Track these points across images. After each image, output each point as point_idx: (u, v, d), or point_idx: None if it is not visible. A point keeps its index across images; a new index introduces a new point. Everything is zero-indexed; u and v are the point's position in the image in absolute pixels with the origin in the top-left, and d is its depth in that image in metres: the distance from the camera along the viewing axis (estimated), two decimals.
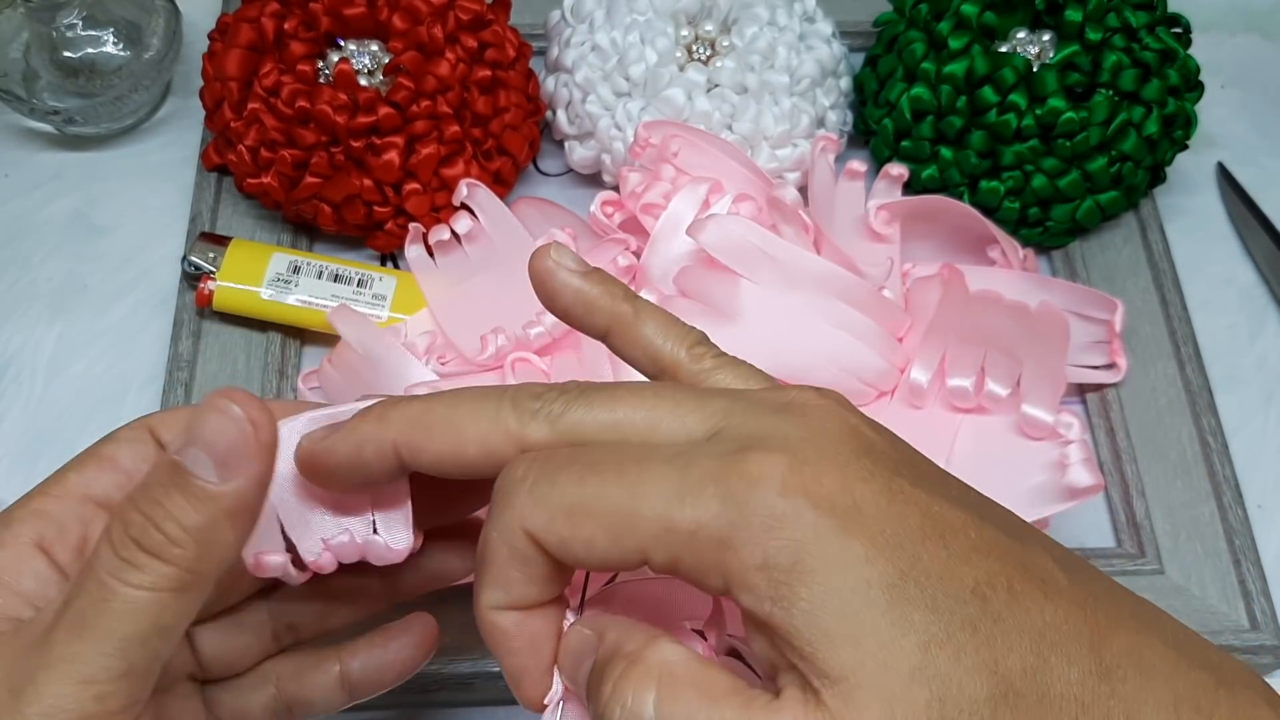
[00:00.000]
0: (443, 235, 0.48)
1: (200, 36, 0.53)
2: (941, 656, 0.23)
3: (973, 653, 0.23)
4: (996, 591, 0.24)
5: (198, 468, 0.26)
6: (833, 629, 0.23)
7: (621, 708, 0.25)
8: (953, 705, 0.22)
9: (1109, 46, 0.49)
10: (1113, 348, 0.48)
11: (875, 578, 0.23)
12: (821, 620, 0.23)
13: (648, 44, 0.49)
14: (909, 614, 0.23)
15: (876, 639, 0.23)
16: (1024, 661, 0.23)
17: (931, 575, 0.23)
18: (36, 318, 0.51)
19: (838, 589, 0.23)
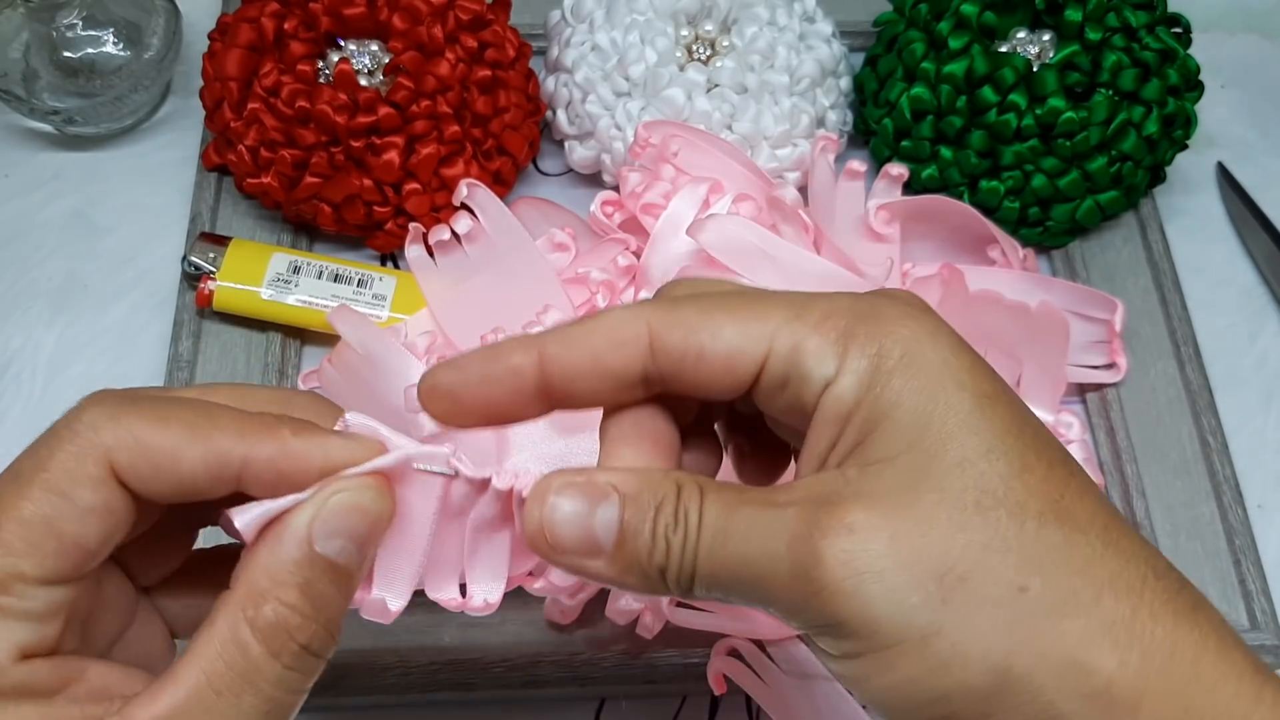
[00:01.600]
0: (443, 235, 0.48)
1: (200, 36, 0.53)
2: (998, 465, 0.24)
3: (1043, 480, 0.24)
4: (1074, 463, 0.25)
5: (345, 558, 0.26)
6: (905, 417, 0.24)
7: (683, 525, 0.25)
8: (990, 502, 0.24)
9: (1109, 46, 0.49)
10: (1113, 347, 0.48)
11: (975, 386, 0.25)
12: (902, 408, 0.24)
13: (648, 44, 0.50)
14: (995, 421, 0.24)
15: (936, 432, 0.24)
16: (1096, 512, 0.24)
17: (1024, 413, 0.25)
18: (36, 318, 0.51)
19: (928, 385, 0.25)
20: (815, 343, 0.25)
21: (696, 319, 0.26)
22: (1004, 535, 0.23)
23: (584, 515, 0.26)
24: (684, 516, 0.25)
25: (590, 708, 0.44)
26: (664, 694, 0.44)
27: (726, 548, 0.25)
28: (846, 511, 0.24)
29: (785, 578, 0.24)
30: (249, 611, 0.25)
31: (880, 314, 0.25)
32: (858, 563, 0.23)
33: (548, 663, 0.42)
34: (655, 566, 0.25)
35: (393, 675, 0.41)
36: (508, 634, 0.42)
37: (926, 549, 0.23)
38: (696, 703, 0.44)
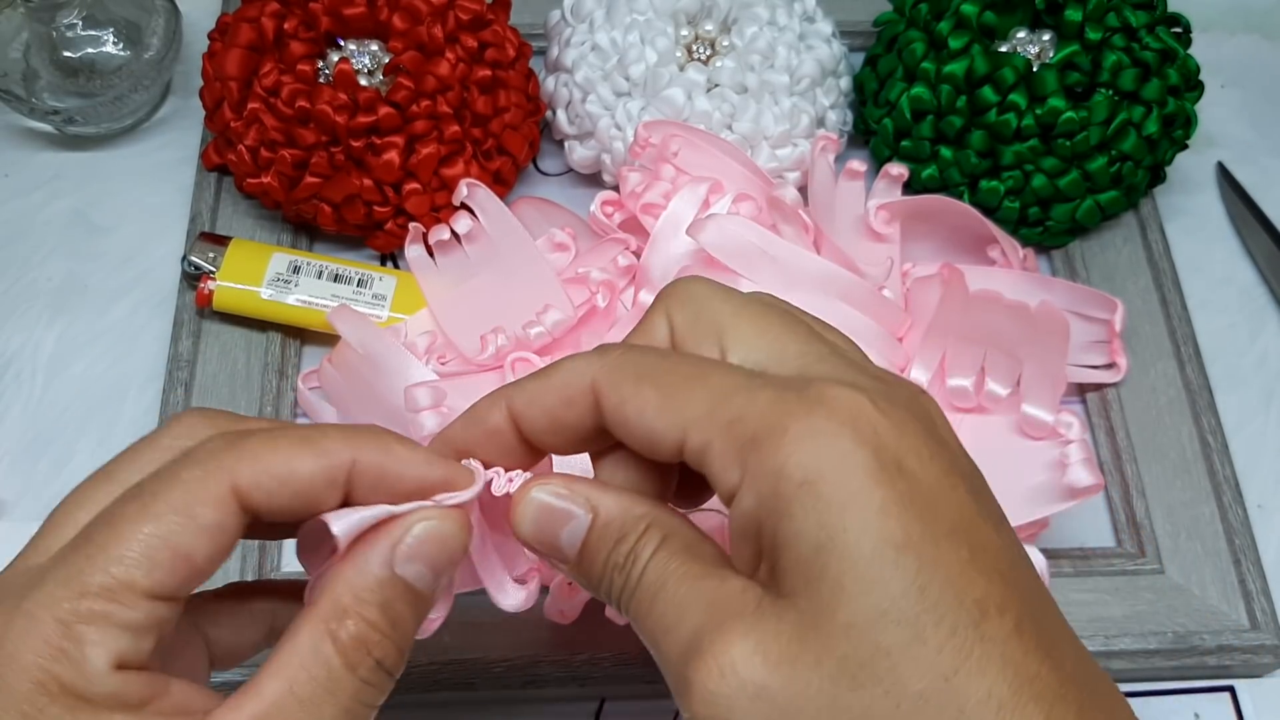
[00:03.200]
0: (443, 235, 0.48)
1: (200, 36, 0.53)
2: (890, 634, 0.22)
3: (936, 652, 0.22)
4: (1000, 617, 0.23)
5: (422, 583, 0.27)
6: (805, 553, 0.23)
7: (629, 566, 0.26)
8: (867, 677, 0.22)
9: (1109, 46, 0.49)
10: (1113, 347, 0.48)
11: (880, 530, 0.23)
12: (803, 540, 0.23)
13: (648, 44, 0.49)
14: (895, 579, 0.23)
15: (832, 585, 0.23)
16: (992, 691, 0.22)
17: (940, 564, 0.23)
18: (36, 318, 0.51)
19: (832, 521, 0.23)
20: (721, 448, 0.25)
21: (629, 388, 0.26)
22: (873, 713, 0.22)
23: (555, 521, 0.27)
24: (630, 562, 0.26)
25: (590, 708, 0.44)
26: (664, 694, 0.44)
27: (648, 618, 0.26)
28: (729, 646, 0.24)
29: (671, 681, 0.25)
30: (332, 625, 0.26)
31: (789, 426, 0.24)
32: (719, 709, 0.23)
33: (548, 663, 0.42)
34: (603, 591, 0.27)
35: None
36: (508, 634, 0.42)
37: (790, 716, 0.23)
38: None
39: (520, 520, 0.28)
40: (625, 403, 0.26)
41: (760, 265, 0.44)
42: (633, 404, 0.26)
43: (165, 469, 0.27)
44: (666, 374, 0.26)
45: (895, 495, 0.23)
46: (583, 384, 0.27)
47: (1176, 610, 0.44)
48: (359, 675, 0.26)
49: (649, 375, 0.26)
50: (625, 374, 0.27)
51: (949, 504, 0.24)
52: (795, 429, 0.24)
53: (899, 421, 0.24)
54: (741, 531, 0.25)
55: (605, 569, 0.27)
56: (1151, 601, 0.44)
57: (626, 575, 0.26)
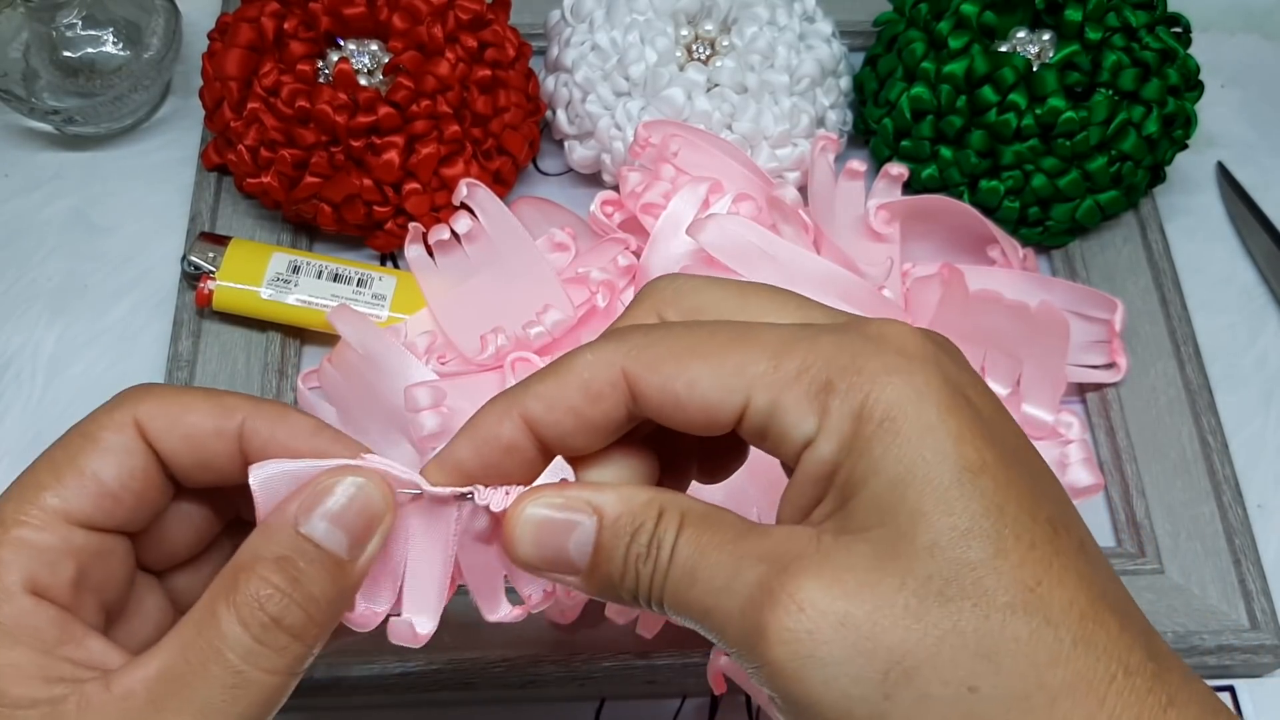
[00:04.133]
0: (443, 235, 0.48)
1: (200, 36, 0.53)
2: (971, 549, 0.23)
3: (1018, 565, 0.23)
4: (1068, 535, 0.24)
5: (330, 542, 0.26)
6: (881, 486, 0.23)
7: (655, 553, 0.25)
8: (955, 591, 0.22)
9: (1109, 46, 0.49)
10: (1113, 347, 0.48)
11: (958, 457, 0.23)
12: (880, 475, 0.23)
13: (648, 44, 0.49)
14: (976, 499, 0.23)
15: (910, 508, 0.23)
16: (1074, 600, 0.23)
17: (1011, 484, 0.23)
18: (36, 318, 0.51)
19: (909, 454, 0.23)
20: (793, 399, 0.24)
21: (671, 365, 0.25)
22: (963, 628, 0.22)
23: (559, 534, 0.26)
24: (656, 549, 0.25)
25: (590, 708, 0.44)
26: (664, 694, 0.44)
27: (691, 591, 0.25)
28: (801, 583, 0.23)
29: (737, 638, 0.24)
30: (226, 584, 0.25)
31: (862, 366, 0.24)
32: (802, 645, 0.23)
33: (548, 663, 0.42)
34: (626, 590, 0.26)
35: (393, 675, 0.41)
36: (508, 634, 0.42)
37: (877, 638, 0.22)
38: (696, 703, 0.44)
39: (518, 543, 0.26)
40: (672, 380, 0.25)
41: (760, 265, 0.44)
42: (681, 380, 0.25)
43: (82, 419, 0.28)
44: (707, 342, 0.25)
45: (967, 423, 0.24)
46: (610, 374, 0.26)
47: (1176, 610, 0.44)
48: (250, 634, 0.25)
49: (690, 349, 0.25)
50: (663, 352, 0.26)
51: (1007, 431, 0.25)
52: (871, 367, 0.24)
53: (952, 355, 0.25)
54: (812, 478, 0.25)
55: (627, 564, 0.25)
56: (1151, 601, 0.44)
57: (654, 563, 0.25)
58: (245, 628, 0.25)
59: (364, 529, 0.26)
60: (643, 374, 0.26)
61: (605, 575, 0.26)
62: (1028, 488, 0.24)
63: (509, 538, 0.26)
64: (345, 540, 0.26)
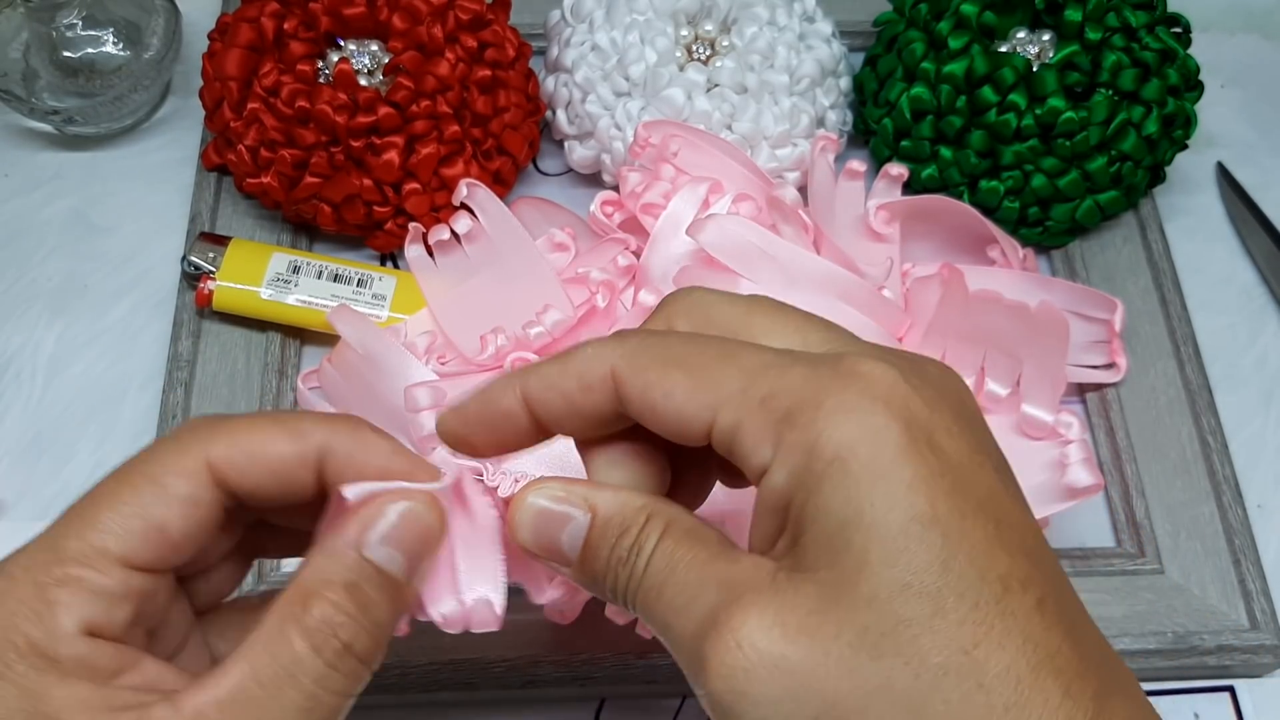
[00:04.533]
0: (442, 235, 0.48)
1: (200, 36, 0.53)
2: (910, 606, 0.22)
3: (957, 625, 0.22)
4: (1023, 593, 0.23)
5: (392, 567, 0.27)
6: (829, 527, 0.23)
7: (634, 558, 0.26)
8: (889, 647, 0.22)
9: (1109, 46, 0.49)
10: (1112, 347, 0.48)
11: (908, 505, 0.23)
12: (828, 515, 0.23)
13: (647, 44, 0.49)
14: (920, 553, 0.23)
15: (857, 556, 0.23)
16: (1011, 665, 0.22)
17: (965, 538, 0.23)
18: (36, 318, 0.51)
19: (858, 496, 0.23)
20: (754, 425, 0.25)
21: (655, 373, 0.26)
22: (894, 685, 0.22)
23: (554, 525, 0.27)
24: (635, 555, 0.26)
25: (590, 708, 0.44)
26: (664, 694, 0.44)
27: (656, 604, 0.26)
28: (745, 620, 0.23)
29: (685, 660, 0.25)
30: (296, 609, 0.26)
31: (822, 401, 0.24)
32: (737, 681, 0.23)
33: (548, 663, 0.42)
34: (608, 588, 0.27)
35: (393, 675, 0.41)
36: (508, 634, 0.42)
37: (810, 685, 0.23)
38: (696, 703, 0.44)
39: (519, 527, 0.27)
40: (651, 387, 0.26)
41: (760, 265, 0.44)
42: (659, 388, 0.26)
43: (147, 446, 0.28)
44: (693, 356, 0.26)
45: (925, 471, 0.23)
46: (602, 370, 0.27)
47: (1176, 610, 0.44)
48: (324, 659, 0.26)
49: (675, 359, 0.26)
50: (649, 359, 0.26)
51: (976, 481, 0.24)
52: (829, 404, 0.24)
53: (929, 398, 0.25)
54: (770, 508, 0.25)
55: (609, 565, 0.27)
56: (1151, 601, 0.44)
57: (631, 568, 0.26)
58: (319, 653, 0.26)
59: (421, 550, 0.27)
60: (628, 377, 0.27)
61: (591, 571, 0.27)
62: (983, 542, 0.23)
63: (511, 522, 0.27)
64: (403, 563, 0.27)
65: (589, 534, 0.27)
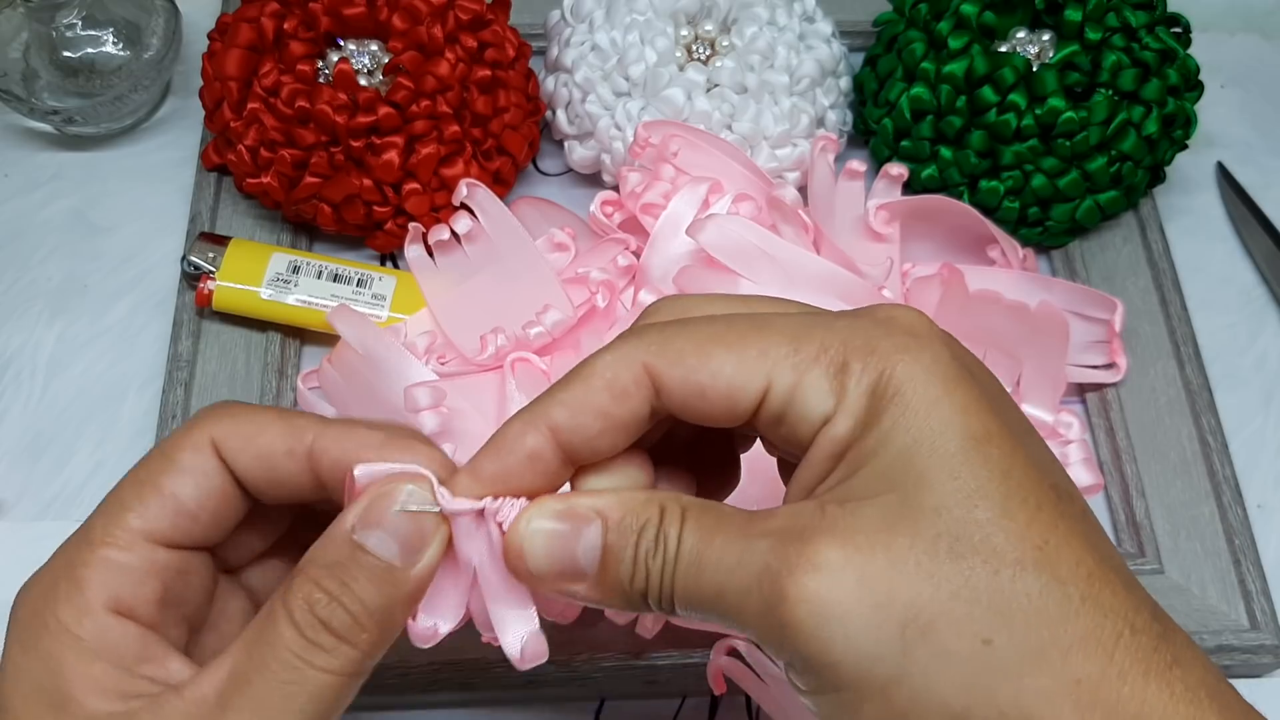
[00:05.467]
0: (442, 235, 0.48)
1: (200, 36, 0.53)
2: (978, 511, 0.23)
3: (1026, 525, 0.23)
4: (1072, 502, 0.25)
5: (382, 550, 0.27)
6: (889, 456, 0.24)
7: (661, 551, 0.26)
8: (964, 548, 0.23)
9: (1109, 46, 0.49)
10: (1112, 347, 0.48)
11: (964, 426, 0.24)
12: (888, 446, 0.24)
13: (647, 44, 0.49)
14: (980, 466, 0.24)
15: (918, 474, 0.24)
16: (1080, 560, 0.23)
17: (1016, 452, 0.24)
18: (36, 318, 0.51)
19: (915, 425, 0.24)
20: (813, 379, 0.25)
21: (694, 357, 0.26)
22: (974, 584, 0.23)
23: (567, 542, 0.26)
24: (664, 541, 0.26)
25: (590, 708, 0.44)
26: (664, 694, 0.44)
27: (701, 576, 0.25)
28: (817, 548, 0.24)
29: (755, 611, 0.24)
30: (284, 587, 0.27)
31: (876, 345, 0.25)
32: (822, 603, 0.23)
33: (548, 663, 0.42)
34: (636, 590, 0.26)
35: (393, 675, 0.41)
36: None
37: (894, 595, 0.23)
38: (696, 703, 0.44)
39: (530, 556, 0.27)
40: (695, 371, 0.26)
41: (760, 265, 0.44)
42: (705, 370, 0.26)
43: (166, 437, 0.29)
44: (726, 334, 0.26)
45: (973, 395, 0.25)
46: (633, 372, 0.26)
47: (1176, 610, 0.44)
48: (302, 634, 0.26)
49: (710, 338, 0.26)
50: (685, 345, 0.26)
51: (1010, 407, 0.26)
52: (884, 346, 0.25)
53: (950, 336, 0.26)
54: (826, 456, 0.25)
55: (636, 563, 0.26)
56: None
57: (663, 556, 0.26)
58: (297, 629, 0.26)
59: (416, 538, 0.27)
60: (666, 368, 0.26)
61: (615, 578, 0.26)
62: (1033, 455, 0.25)
63: (517, 552, 0.27)
64: (397, 548, 0.27)
65: (605, 540, 0.26)
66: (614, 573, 0.26)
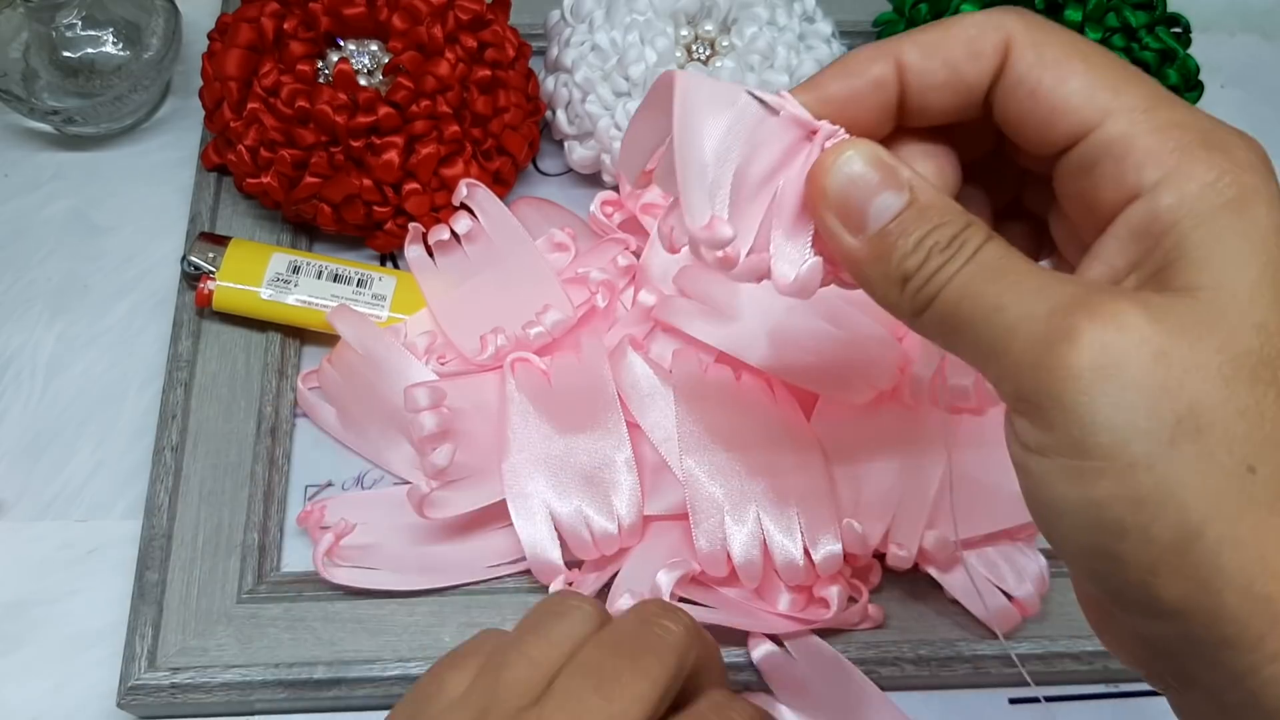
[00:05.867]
0: (442, 235, 0.48)
1: (200, 36, 0.53)
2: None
3: None
4: None
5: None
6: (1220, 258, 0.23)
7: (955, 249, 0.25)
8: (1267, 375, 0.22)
9: (1109, 46, 0.49)
10: None
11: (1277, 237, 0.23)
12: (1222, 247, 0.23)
13: (647, 44, 0.50)
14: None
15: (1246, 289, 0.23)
16: None
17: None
18: (36, 318, 0.51)
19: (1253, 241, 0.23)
20: (1151, 144, 0.24)
21: (1056, 50, 0.25)
22: (1262, 410, 0.22)
23: (869, 189, 0.26)
24: (958, 245, 0.25)
25: None
26: None
27: (988, 288, 0.24)
28: (1126, 308, 0.22)
29: (1028, 339, 0.23)
30: None
31: (1229, 148, 0.24)
32: (1110, 360, 0.22)
33: None
34: (901, 271, 0.25)
35: (393, 675, 0.41)
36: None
37: (1183, 385, 0.22)
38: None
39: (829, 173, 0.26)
40: (1048, 66, 0.25)
41: None
42: (1056, 70, 0.25)
43: None
44: (1095, 54, 0.25)
45: None
46: (997, 37, 0.25)
47: None
48: None
49: (1079, 49, 0.25)
50: (1052, 34, 0.25)
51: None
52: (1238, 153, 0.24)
53: None
54: (1136, 231, 0.24)
55: (921, 247, 0.25)
56: None
57: (953, 255, 0.25)
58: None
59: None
60: (1026, 48, 0.25)
61: (889, 248, 0.25)
62: None
63: (823, 168, 0.26)
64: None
65: (905, 211, 0.25)
66: (890, 243, 0.25)
